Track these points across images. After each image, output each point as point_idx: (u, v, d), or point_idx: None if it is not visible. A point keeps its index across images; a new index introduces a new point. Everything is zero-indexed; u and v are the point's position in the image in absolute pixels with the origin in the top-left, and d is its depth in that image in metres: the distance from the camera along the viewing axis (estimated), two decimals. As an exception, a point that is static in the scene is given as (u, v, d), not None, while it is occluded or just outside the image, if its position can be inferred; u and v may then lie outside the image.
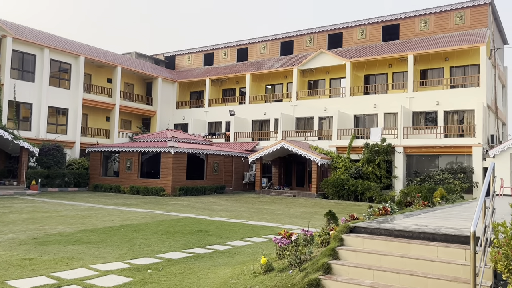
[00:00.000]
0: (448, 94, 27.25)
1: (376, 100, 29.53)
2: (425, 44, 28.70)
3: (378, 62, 30.83)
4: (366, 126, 29.97)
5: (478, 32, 27.48)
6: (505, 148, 22.74)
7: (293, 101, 33.28)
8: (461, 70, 28.68)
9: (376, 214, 9.55)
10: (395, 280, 5.93)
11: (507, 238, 4.46)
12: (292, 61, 34.58)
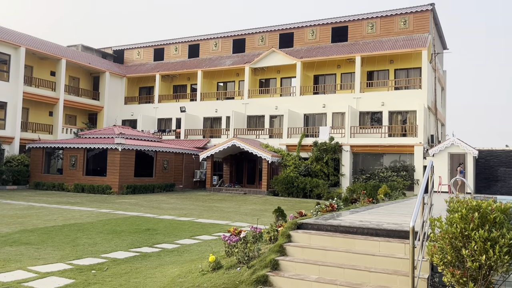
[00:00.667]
0: (393, 95, 28.44)
1: (325, 99, 30.26)
2: (372, 47, 29.76)
3: (328, 62, 31.60)
4: (315, 125, 30.64)
5: (420, 37, 28.88)
6: (443, 148, 24.09)
7: (244, 99, 33.38)
8: (404, 73, 30.03)
9: (323, 210, 9.79)
10: (340, 275, 6.11)
11: (443, 233, 4.72)
12: (244, 59, 34.66)
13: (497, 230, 4.46)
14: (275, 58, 32.71)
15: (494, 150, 25.79)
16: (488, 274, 4.49)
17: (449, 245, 4.61)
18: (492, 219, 4.52)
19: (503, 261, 4.34)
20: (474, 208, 4.62)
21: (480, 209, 4.61)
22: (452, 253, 4.58)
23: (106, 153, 26.41)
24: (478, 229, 4.48)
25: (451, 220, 4.71)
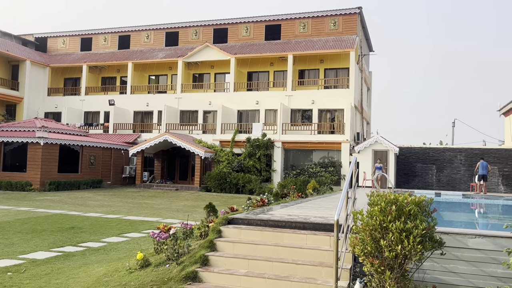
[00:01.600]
0: (322, 94, 29.49)
1: (259, 96, 30.64)
2: (304, 46, 30.60)
3: (261, 60, 31.99)
4: (248, 121, 30.91)
5: (348, 39, 30.19)
6: (368, 145, 25.45)
7: (177, 93, 32.81)
8: (333, 72, 31.24)
9: (254, 205, 9.93)
10: (268, 268, 6.24)
11: (364, 225, 5.00)
12: (177, 53, 34.04)
13: (412, 221, 4.81)
14: (209, 53, 32.49)
15: (413, 148, 27.73)
16: (403, 263, 4.83)
17: (369, 236, 4.90)
18: (407, 211, 4.86)
19: (416, 250, 4.70)
20: (392, 202, 4.94)
21: (397, 202, 4.94)
22: (372, 244, 4.86)
23: (26, 147, 24.65)
24: (395, 221, 4.80)
25: (371, 213, 5.00)
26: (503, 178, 24.97)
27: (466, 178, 25.34)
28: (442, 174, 26.18)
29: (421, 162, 26.85)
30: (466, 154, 26.23)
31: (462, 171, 25.82)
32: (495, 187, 24.67)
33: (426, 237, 4.89)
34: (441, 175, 26.16)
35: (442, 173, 26.18)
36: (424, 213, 5.05)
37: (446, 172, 26.14)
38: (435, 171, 26.32)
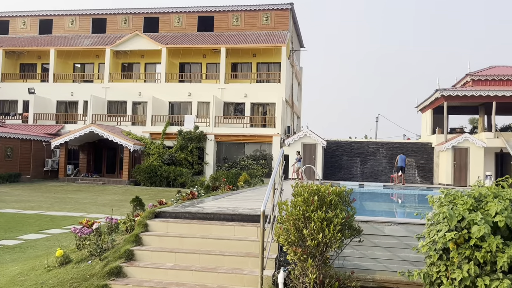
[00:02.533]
0: (255, 87, 29.79)
1: (191, 88, 30.24)
2: (237, 39, 30.64)
3: (193, 51, 31.56)
4: (180, 113, 30.43)
5: (280, 34, 30.71)
6: (298, 138, 26.19)
7: (105, 83, 31.39)
8: (266, 67, 31.66)
9: (184, 198, 9.84)
10: (196, 261, 6.23)
11: (288, 215, 5.15)
12: (105, 41, 32.52)
13: (333, 211, 5.04)
14: (139, 42, 31.42)
15: (339, 141, 28.96)
16: (325, 250, 5.05)
17: (293, 226, 5.06)
18: (329, 201, 5.09)
19: (336, 238, 4.93)
20: (314, 192, 5.13)
21: (319, 192, 5.15)
22: (295, 233, 5.03)
23: None
24: (317, 210, 5.00)
25: (295, 203, 5.17)
26: (419, 170, 26.93)
27: (387, 170, 26.98)
28: (365, 166, 27.64)
29: (347, 155, 28.14)
30: (388, 148, 27.91)
31: (383, 164, 27.45)
32: (412, 178, 26.56)
33: (345, 225, 5.15)
34: (364, 167, 27.62)
35: (366, 166, 27.65)
36: (344, 203, 5.31)
37: (369, 165, 27.65)
38: (359, 163, 27.73)
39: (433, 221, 4.89)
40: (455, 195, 4.73)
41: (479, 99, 24.83)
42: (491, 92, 24.20)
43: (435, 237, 4.56)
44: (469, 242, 4.28)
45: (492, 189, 4.65)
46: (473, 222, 4.24)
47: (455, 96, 24.79)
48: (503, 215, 4.17)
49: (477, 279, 4.17)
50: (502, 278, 4.06)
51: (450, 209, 4.50)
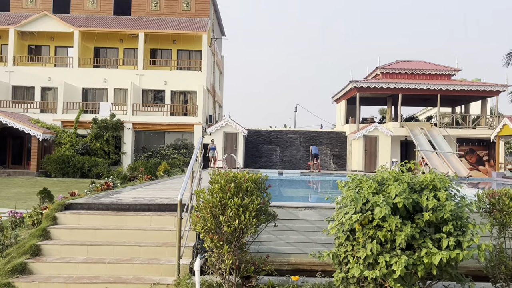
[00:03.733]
0: (175, 75, 29.16)
1: (107, 74, 28.80)
2: (156, 24, 29.69)
3: (109, 35, 30.01)
4: (95, 100, 28.89)
5: (201, 21, 30.30)
6: (219, 127, 26.21)
7: (9, 66, 28.73)
8: (186, 54, 31.11)
9: (98, 189, 9.43)
10: (110, 253, 6.01)
11: (205, 203, 5.15)
12: (9, 20, 29.70)
13: (249, 197, 5.14)
14: (48, 23, 29.13)
15: (260, 130, 29.49)
16: (241, 236, 5.14)
17: (210, 213, 5.07)
18: (245, 188, 5.17)
19: (252, 224, 5.04)
20: (231, 179, 5.19)
21: (236, 179, 5.21)
22: (212, 220, 5.05)
23: None
24: (233, 197, 5.06)
25: (212, 190, 5.18)
26: (334, 157, 28.37)
27: (305, 158, 28.06)
28: (285, 154, 28.49)
29: (267, 144, 28.77)
30: (305, 136, 29.01)
31: (301, 152, 28.49)
32: (327, 165, 27.91)
33: (261, 211, 5.28)
34: (284, 155, 28.47)
35: (285, 154, 28.51)
36: (260, 189, 5.43)
37: (288, 153, 28.54)
38: (279, 152, 28.51)
39: (341, 204, 5.19)
40: (361, 179, 5.06)
41: (388, 91, 26.69)
42: (397, 85, 26.13)
43: (343, 219, 4.84)
44: (373, 222, 4.61)
45: (393, 173, 5.04)
46: (375, 204, 4.57)
47: (366, 88, 26.39)
48: (402, 197, 4.54)
49: (379, 256, 4.51)
50: (400, 255, 4.44)
51: (356, 193, 4.80)
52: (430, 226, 4.66)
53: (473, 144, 26.84)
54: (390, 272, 4.44)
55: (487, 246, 4.48)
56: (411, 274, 4.53)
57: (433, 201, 4.53)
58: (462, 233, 4.59)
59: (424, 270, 4.42)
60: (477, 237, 4.48)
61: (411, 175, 5.13)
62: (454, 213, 4.64)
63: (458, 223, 4.64)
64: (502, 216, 5.08)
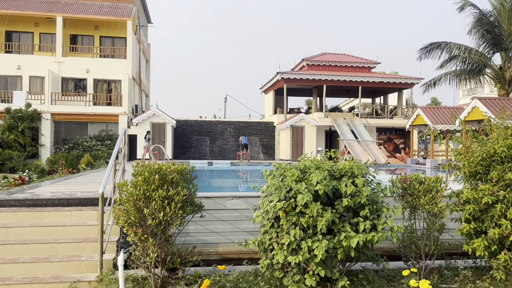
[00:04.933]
0: (98, 63, 27.73)
1: (21, 60, 26.64)
2: (75, 8, 27.94)
3: (23, 18, 27.74)
4: (8, 88, 26.63)
5: (125, 7, 29.03)
6: (146, 117, 25.46)
7: None
8: (110, 41, 29.68)
9: (11, 184, 8.77)
10: (25, 252, 5.64)
11: (128, 196, 4.99)
12: None
13: (174, 189, 5.06)
14: (-51, 2, 26.24)
15: (189, 120, 29.11)
16: (166, 228, 5.06)
17: (134, 206, 4.93)
18: (170, 179, 5.08)
19: (178, 216, 4.98)
20: (155, 171, 5.07)
21: (161, 171, 5.10)
22: (135, 213, 4.91)
23: None
24: (158, 189, 4.95)
25: (135, 183, 5.03)
26: (262, 147, 28.84)
27: (235, 148, 28.23)
28: (214, 145, 28.43)
29: (197, 134, 28.50)
30: (235, 127, 29.14)
31: (231, 142, 28.61)
32: (256, 155, 28.31)
33: (187, 202, 5.23)
34: (214, 145, 28.40)
35: (215, 144, 28.45)
36: (186, 181, 5.37)
37: (218, 143, 28.52)
38: (208, 142, 28.38)
39: (267, 193, 5.31)
40: (285, 168, 5.20)
41: (313, 82, 27.59)
42: (322, 76, 27.09)
43: (268, 207, 4.96)
44: (296, 209, 4.77)
45: (315, 162, 5.24)
46: (298, 192, 4.72)
47: (293, 79, 27.06)
48: (323, 184, 4.74)
49: (302, 242, 4.68)
50: (321, 239, 4.65)
51: (280, 181, 4.93)
52: (348, 211, 4.92)
53: (391, 133, 28.69)
54: (312, 257, 4.64)
55: (399, 228, 4.83)
56: (331, 257, 4.77)
57: (351, 187, 4.79)
58: (377, 216, 4.91)
59: (343, 253, 4.67)
60: (390, 219, 4.82)
61: (331, 163, 5.37)
62: (370, 198, 4.94)
63: (374, 207, 4.95)
64: (413, 200, 5.48)
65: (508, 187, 4.94)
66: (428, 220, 5.50)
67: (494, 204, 4.90)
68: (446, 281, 5.41)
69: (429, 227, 5.49)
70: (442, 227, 5.50)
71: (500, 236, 4.80)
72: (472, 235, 5.21)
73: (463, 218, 5.24)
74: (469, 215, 5.12)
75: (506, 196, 4.84)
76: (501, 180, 5.00)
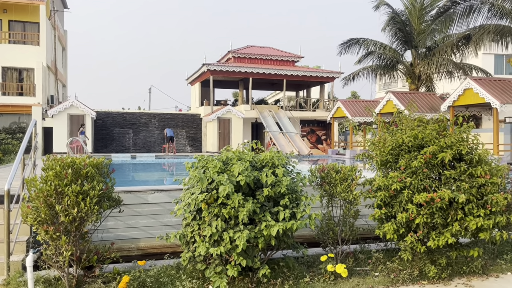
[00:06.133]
0: (8, 49, 25.45)
1: None
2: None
3: None
4: None
5: (38, -11, 26.90)
6: (63, 109, 23.91)
7: None
8: (21, 26, 27.37)
9: None
10: None
11: (37, 192, 4.65)
12: None
13: (89, 183, 4.80)
14: None
15: (111, 112, 27.84)
16: (81, 225, 4.80)
17: (44, 203, 4.60)
18: (84, 173, 4.81)
19: (93, 211, 4.74)
20: (68, 165, 4.77)
21: (74, 165, 4.81)
22: (46, 210, 4.59)
23: None
24: (71, 184, 4.67)
25: (45, 178, 4.70)
26: (189, 139, 28.48)
27: (160, 140, 27.56)
28: (138, 137, 27.52)
29: (119, 127, 27.39)
30: (160, 119, 28.43)
31: (156, 134, 27.88)
32: (183, 148, 27.90)
33: (104, 197, 5.00)
34: (137, 138, 27.48)
35: (138, 137, 27.55)
36: (102, 174, 5.13)
37: (142, 136, 27.65)
38: (132, 135, 27.40)
39: (189, 185, 5.24)
40: (207, 160, 5.16)
41: (239, 75, 27.72)
42: (248, 69, 27.31)
43: (189, 199, 4.90)
44: (218, 201, 4.76)
45: (237, 153, 5.26)
46: (220, 183, 4.72)
47: (219, 71, 26.96)
48: (244, 174, 4.78)
49: (223, 233, 4.69)
50: (242, 230, 4.69)
51: (202, 173, 4.89)
52: (269, 201, 5.02)
53: (314, 125, 29.77)
54: (234, 247, 4.66)
55: (316, 215, 5.03)
56: (253, 246, 4.83)
57: (272, 177, 4.88)
58: (296, 205, 5.05)
59: (264, 242, 4.76)
60: (308, 208, 4.99)
61: (253, 154, 5.43)
62: (290, 187, 5.08)
63: (294, 196, 5.10)
64: (330, 188, 5.73)
65: (414, 174, 5.34)
66: (344, 207, 5.79)
67: (402, 190, 5.27)
68: (360, 264, 5.74)
69: (345, 213, 5.78)
70: (357, 214, 5.82)
71: (407, 220, 5.18)
72: (383, 219, 5.57)
73: (375, 204, 5.57)
74: (381, 201, 5.46)
75: (412, 182, 5.22)
76: (408, 168, 5.39)
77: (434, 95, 22.57)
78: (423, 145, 5.49)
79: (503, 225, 5.18)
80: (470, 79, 17.24)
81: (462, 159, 5.40)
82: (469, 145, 5.49)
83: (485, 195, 5.15)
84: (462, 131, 5.54)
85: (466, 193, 5.07)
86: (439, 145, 5.29)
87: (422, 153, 5.30)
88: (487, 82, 17.12)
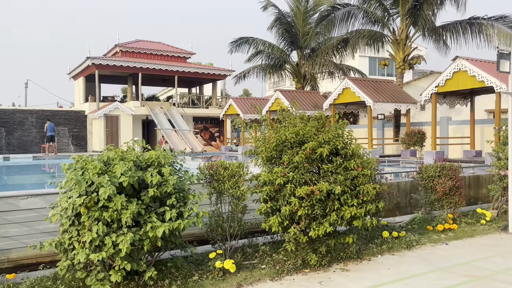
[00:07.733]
0: None
1: None
2: None
3: None
4: None
5: None
6: None
7: None
8: None
9: None
10: None
11: None
12: None
13: None
14: None
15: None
16: None
17: None
18: None
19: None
20: None
21: None
22: None
23: None
24: None
25: None
26: (73, 138, 26.49)
27: (38, 140, 25.18)
28: (12, 137, 24.82)
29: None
30: (38, 116, 25.96)
31: (34, 133, 25.43)
32: (66, 147, 25.87)
33: (-38, 206, 4.39)
34: (11, 138, 24.76)
35: (13, 136, 24.85)
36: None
37: (17, 135, 25.00)
38: (4, 134, 24.60)
39: (66, 188, 4.86)
40: (86, 160, 4.83)
41: (128, 70, 26.54)
42: (137, 64, 26.29)
43: (66, 204, 4.54)
44: (99, 204, 4.48)
45: (119, 152, 5.02)
46: (100, 185, 4.45)
47: (105, 66, 25.51)
48: (127, 175, 4.57)
49: (106, 237, 4.44)
50: (126, 233, 4.48)
51: (80, 175, 4.57)
52: (155, 201, 4.88)
53: (207, 122, 29.82)
54: (117, 251, 4.44)
55: (204, 213, 5.02)
56: (138, 249, 4.66)
57: (157, 177, 4.75)
58: (184, 204, 4.99)
59: (150, 243, 4.61)
60: (196, 206, 4.96)
61: (138, 153, 5.23)
62: (177, 186, 4.99)
63: (181, 195, 5.02)
64: (219, 185, 5.78)
65: (296, 168, 5.63)
66: (232, 203, 5.88)
67: (286, 185, 5.52)
68: (248, 258, 5.89)
69: (233, 209, 5.88)
70: (245, 209, 5.95)
71: (290, 212, 5.44)
72: (269, 213, 5.78)
73: (262, 198, 5.76)
74: (266, 195, 5.66)
75: (294, 176, 5.50)
76: (291, 163, 5.66)
77: (318, 93, 24.13)
78: (304, 141, 5.81)
79: (373, 213, 5.74)
80: (348, 80, 18.75)
81: (338, 153, 5.84)
82: (344, 140, 5.96)
83: (357, 186, 5.64)
84: (338, 128, 5.99)
85: (342, 185, 5.49)
86: (317, 141, 5.64)
87: (303, 149, 5.61)
88: (363, 83, 18.80)
